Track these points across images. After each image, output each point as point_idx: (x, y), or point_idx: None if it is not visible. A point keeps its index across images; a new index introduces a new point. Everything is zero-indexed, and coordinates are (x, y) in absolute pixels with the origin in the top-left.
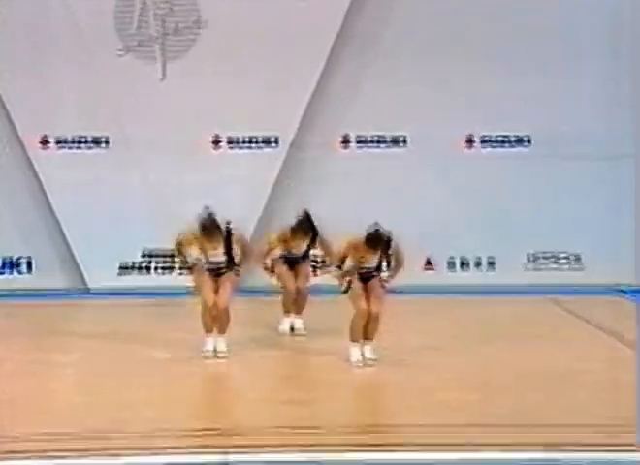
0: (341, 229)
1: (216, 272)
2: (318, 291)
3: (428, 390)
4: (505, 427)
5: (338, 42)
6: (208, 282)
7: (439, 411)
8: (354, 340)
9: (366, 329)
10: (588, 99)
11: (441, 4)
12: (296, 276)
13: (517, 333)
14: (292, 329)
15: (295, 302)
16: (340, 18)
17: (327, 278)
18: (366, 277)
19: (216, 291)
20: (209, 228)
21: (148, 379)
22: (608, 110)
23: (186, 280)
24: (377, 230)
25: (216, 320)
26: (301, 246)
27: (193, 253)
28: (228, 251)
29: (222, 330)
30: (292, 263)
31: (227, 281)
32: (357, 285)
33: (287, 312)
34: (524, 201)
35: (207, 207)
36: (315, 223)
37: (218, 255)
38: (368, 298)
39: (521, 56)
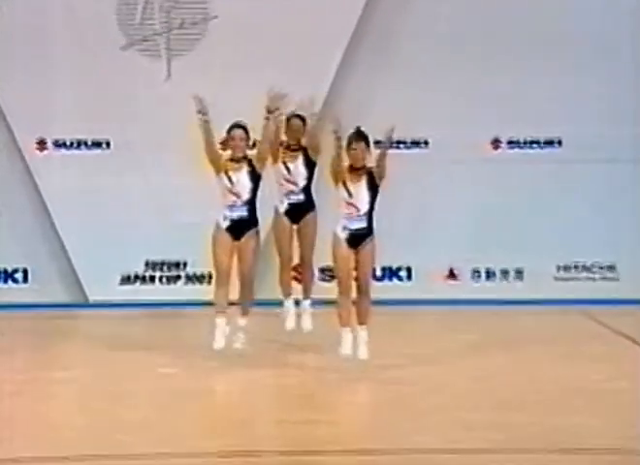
0: None
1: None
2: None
3: (446, 409)
4: (533, 452)
5: (354, 39)
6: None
7: (457, 431)
8: (344, 325)
9: (357, 310)
10: (620, 101)
11: (466, 2)
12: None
13: (546, 348)
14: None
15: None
16: (357, 15)
17: None
18: (357, 235)
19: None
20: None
21: (153, 396)
22: None
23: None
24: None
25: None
26: None
27: None
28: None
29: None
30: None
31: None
32: (341, 248)
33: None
34: (553, 206)
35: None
36: None
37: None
38: (356, 268)
39: (550, 57)
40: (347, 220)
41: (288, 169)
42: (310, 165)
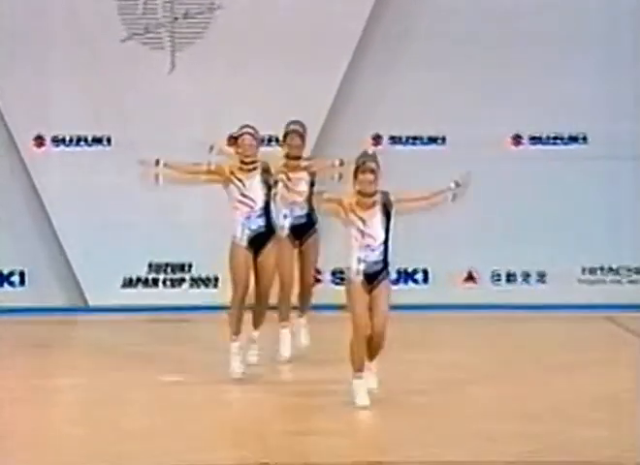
0: None
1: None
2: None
3: (468, 420)
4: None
5: (367, 32)
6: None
7: (480, 443)
8: (358, 370)
9: (368, 350)
10: None
11: None
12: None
13: (570, 355)
14: None
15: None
16: (370, 6)
17: None
18: (371, 274)
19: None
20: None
21: (155, 405)
22: None
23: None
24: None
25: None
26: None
27: None
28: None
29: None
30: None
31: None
32: (357, 285)
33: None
34: (578, 205)
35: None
36: None
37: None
38: (370, 308)
39: (572, 52)
40: (363, 252)
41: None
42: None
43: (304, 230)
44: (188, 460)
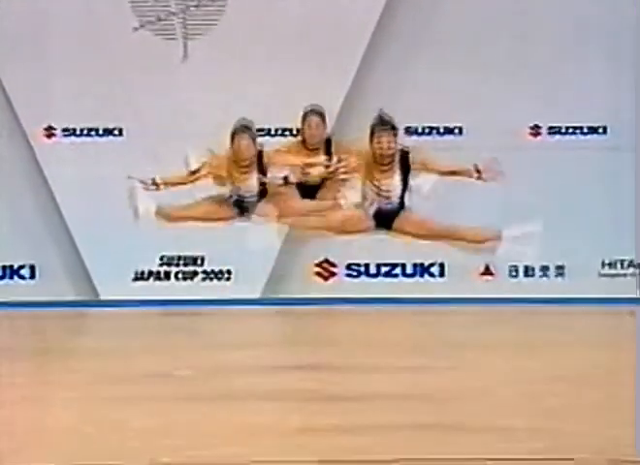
0: None
1: None
2: None
3: (484, 416)
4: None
5: (383, 19)
6: None
7: (498, 439)
8: None
9: None
10: None
11: None
12: None
13: (589, 351)
14: None
15: None
16: None
17: None
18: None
19: None
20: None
21: (168, 400)
22: None
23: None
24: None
25: None
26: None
27: None
28: None
29: None
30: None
31: None
32: None
33: None
34: (598, 197)
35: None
36: None
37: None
38: None
39: (592, 41)
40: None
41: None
42: None
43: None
44: (203, 456)
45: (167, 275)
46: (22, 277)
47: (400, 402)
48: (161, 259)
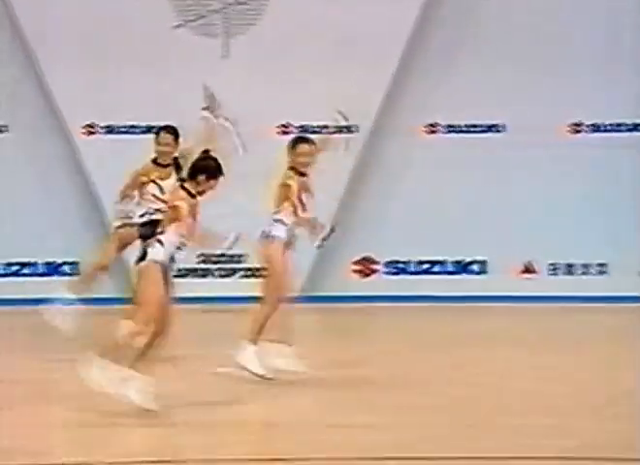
0: (426, 220)
1: None
2: None
3: (512, 413)
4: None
5: (424, 18)
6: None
7: (522, 437)
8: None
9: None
10: None
11: None
12: None
13: (630, 350)
14: None
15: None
16: None
17: None
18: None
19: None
20: None
21: (210, 399)
22: None
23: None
24: None
25: None
26: None
27: None
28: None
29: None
30: None
31: None
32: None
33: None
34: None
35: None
36: None
37: None
38: None
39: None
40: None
41: None
42: None
43: None
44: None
45: (206, 272)
46: (64, 274)
47: (439, 399)
48: (199, 256)
